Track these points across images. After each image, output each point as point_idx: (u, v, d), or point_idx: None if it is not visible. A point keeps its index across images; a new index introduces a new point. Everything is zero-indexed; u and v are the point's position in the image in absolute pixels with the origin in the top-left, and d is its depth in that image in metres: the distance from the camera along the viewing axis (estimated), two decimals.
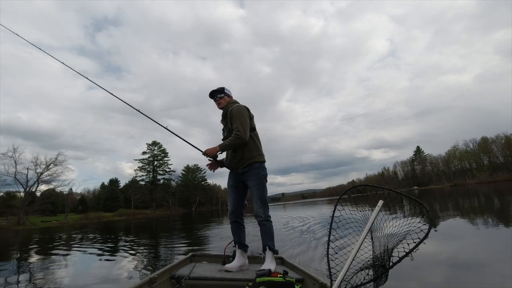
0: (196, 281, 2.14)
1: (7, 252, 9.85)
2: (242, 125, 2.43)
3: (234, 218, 2.58)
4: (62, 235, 16.07)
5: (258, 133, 2.70)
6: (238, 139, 2.41)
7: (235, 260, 2.52)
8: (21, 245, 12.41)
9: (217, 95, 2.75)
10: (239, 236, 2.58)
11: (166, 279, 2.15)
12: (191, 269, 2.36)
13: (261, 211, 2.39)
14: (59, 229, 25.00)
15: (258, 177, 2.41)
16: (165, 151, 72.11)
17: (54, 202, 51.44)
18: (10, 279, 4.67)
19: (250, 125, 2.54)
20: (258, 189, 2.41)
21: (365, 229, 1.39)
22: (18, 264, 6.62)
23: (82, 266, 5.57)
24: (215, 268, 2.49)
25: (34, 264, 6.31)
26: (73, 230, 20.40)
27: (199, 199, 76.06)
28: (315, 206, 33.31)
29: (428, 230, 1.14)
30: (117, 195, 68.27)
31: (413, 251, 1.15)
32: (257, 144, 2.56)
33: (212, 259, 2.97)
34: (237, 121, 2.45)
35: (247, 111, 2.57)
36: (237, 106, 2.58)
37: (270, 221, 2.42)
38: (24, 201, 40.71)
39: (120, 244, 9.00)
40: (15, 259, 7.67)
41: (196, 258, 2.95)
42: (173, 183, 75.20)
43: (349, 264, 1.36)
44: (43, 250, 9.38)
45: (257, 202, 2.41)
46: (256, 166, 2.44)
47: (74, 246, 9.69)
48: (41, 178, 42.12)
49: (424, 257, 3.74)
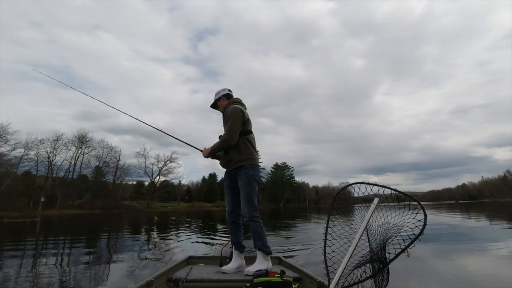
0: (193, 283, 2.14)
1: (141, 228, 13.03)
2: (231, 129, 2.43)
3: (232, 219, 2.58)
4: (178, 219, 19.67)
5: (254, 135, 2.67)
6: (224, 143, 2.46)
7: (232, 262, 2.50)
8: (151, 224, 16.02)
9: (215, 103, 2.79)
10: (236, 237, 2.57)
11: (163, 282, 2.17)
12: (188, 271, 2.38)
13: (245, 211, 2.38)
14: (174, 214, 30.63)
15: (246, 177, 2.41)
16: (256, 149, 77.03)
17: (169, 192, 62.50)
18: (143, 248, 6.47)
19: (244, 129, 2.51)
20: (245, 188, 2.40)
21: (361, 226, 1.41)
22: (147, 237, 8.88)
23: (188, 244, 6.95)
24: (212, 270, 2.49)
25: (157, 237, 8.27)
26: (184, 215, 24.69)
27: (287, 196, 77.77)
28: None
29: (422, 227, 1.17)
30: (215, 188, 77.21)
31: (409, 247, 1.18)
32: (248, 148, 2.51)
33: (209, 261, 2.98)
34: (227, 124, 2.47)
35: (242, 113, 2.49)
36: (232, 108, 2.52)
37: (256, 221, 2.36)
38: (150, 189, 51.63)
39: (220, 229, 10.60)
40: (145, 233, 10.15)
41: (193, 260, 2.96)
42: (263, 180, 79.69)
43: (346, 262, 1.38)
44: (164, 228, 11.94)
45: (243, 202, 2.40)
46: (247, 167, 2.43)
47: (187, 227, 11.93)
48: (161, 172, 52.40)
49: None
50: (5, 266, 4.47)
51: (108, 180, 48.42)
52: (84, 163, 46.13)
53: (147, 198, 51.14)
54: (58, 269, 4.29)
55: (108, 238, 9.25)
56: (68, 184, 42.87)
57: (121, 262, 4.73)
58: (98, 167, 47.24)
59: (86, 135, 45.02)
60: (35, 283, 3.48)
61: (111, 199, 44.05)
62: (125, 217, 24.37)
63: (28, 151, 39.58)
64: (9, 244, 7.71)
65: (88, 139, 45.18)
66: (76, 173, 45.54)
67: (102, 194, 43.95)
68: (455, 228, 9.78)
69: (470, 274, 3.75)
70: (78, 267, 4.43)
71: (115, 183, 48.76)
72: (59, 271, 4.15)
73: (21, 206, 33.69)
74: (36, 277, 3.75)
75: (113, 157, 48.79)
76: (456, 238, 7.14)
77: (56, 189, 40.49)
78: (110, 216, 26.64)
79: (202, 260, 2.99)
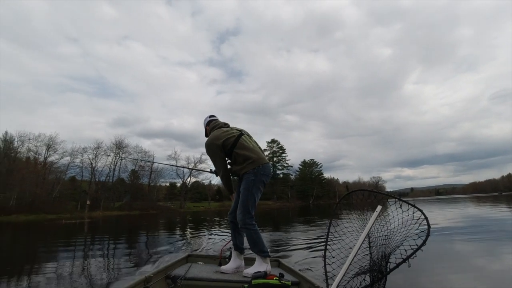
0: (191, 281, 2.14)
1: (175, 226, 13.97)
2: (215, 166, 2.58)
3: (231, 219, 2.60)
4: (208, 218, 20.59)
5: (246, 137, 2.65)
6: (222, 179, 2.60)
7: (231, 262, 2.51)
8: (185, 222, 17.03)
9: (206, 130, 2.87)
10: (235, 238, 2.60)
11: (162, 278, 2.17)
12: (187, 269, 2.37)
13: (240, 217, 2.38)
14: (205, 213, 31.90)
15: (246, 183, 2.43)
16: (283, 148, 76.89)
17: (200, 192, 64.70)
18: (177, 244, 7.10)
19: (227, 147, 2.50)
20: (243, 194, 2.42)
21: (363, 234, 1.39)
22: (182, 233, 9.62)
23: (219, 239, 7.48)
24: (211, 269, 2.49)
25: (189, 234, 8.95)
26: (215, 214, 25.70)
27: (316, 193, 76.73)
28: (454, 203, 27.63)
29: (426, 237, 1.15)
30: None
31: (411, 258, 1.16)
32: (243, 156, 2.49)
33: (208, 260, 2.99)
34: (212, 161, 2.58)
35: (215, 142, 2.50)
36: (206, 143, 2.58)
37: (250, 228, 2.34)
38: (182, 190, 53.94)
39: None
40: (179, 231, 10.96)
41: (192, 259, 2.97)
42: (291, 177, 79.45)
43: (345, 268, 1.36)
44: (197, 226, 12.73)
45: (239, 208, 2.41)
46: (249, 172, 2.44)
47: (217, 225, 12.61)
48: (192, 173, 54.51)
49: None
50: (76, 257, 5.35)
51: (143, 183, 51.47)
52: (122, 168, 49.53)
53: (180, 199, 53.57)
54: (105, 260, 5.04)
55: (147, 235, 10.17)
56: (109, 187, 46.31)
57: (157, 255, 5.32)
58: (134, 170, 50.39)
59: (122, 141, 48.27)
60: (90, 271, 4.18)
61: (148, 201, 46.87)
62: (161, 217, 25.91)
63: (73, 158, 43.53)
64: (73, 240, 9.03)
65: (124, 145, 48.38)
66: (115, 177, 49.05)
67: (139, 196, 46.92)
68: (504, 224, 8.62)
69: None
70: (120, 259, 5.13)
71: (150, 185, 51.65)
72: (105, 261, 4.89)
73: (71, 208, 37.30)
74: (92, 266, 4.48)
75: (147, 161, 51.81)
76: (506, 235, 6.27)
77: (99, 192, 43.94)
78: (148, 216, 28.54)
79: (201, 259, 3.00)
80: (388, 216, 1.39)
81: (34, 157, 40.58)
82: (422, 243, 1.14)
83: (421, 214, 1.21)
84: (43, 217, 29.54)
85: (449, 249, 5.15)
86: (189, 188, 57.05)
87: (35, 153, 40.62)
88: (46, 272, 4.20)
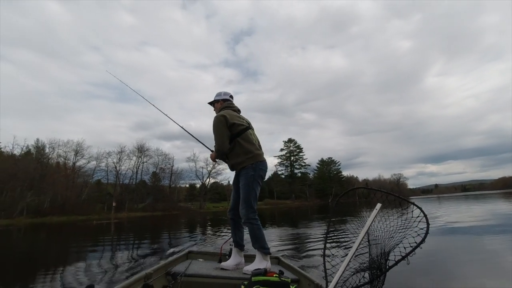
0: (191, 278, 2.15)
1: (196, 226, 14.54)
2: (216, 139, 2.52)
3: (231, 216, 2.63)
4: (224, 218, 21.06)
5: (251, 131, 2.69)
6: (217, 152, 2.55)
7: (231, 259, 2.53)
8: (205, 222, 17.61)
9: (213, 106, 2.89)
10: (235, 235, 2.62)
11: (162, 275, 2.19)
12: (187, 266, 2.38)
13: (243, 212, 2.41)
14: (225, 213, 32.39)
15: (246, 178, 2.45)
16: (300, 147, 76.55)
17: (219, 192, 65.76)
18: (198, 242, 7.56)
19: (233, 131, 2.52)
20: (244, 189, 2.44)
21: (362, 231, 1.40)
22: (202, 233, 10.11)
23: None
24: (211, 266, 2.50)
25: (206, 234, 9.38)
26: None
27: (335, 191, 75.65)
28: (482, 200, 26.12)
29: (425, 235, 1.17)
30: (262, 186, 78.55)
31: (410, 255, 1.17)
32: (244, 148, 2.51)
33: (208, 257, 3.00)
34: (214, 135, 2.54)
35: (224, 119, 2.50)
36: (215, 117, 2.57)
37: (253, 223, 2.38)
38: (202, 191, 55.21)
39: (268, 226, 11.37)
40: (200, 230, 11.46)
41: (193, 255, 2.99)
42: (309, 176, 78.85)
43: (345, 265, 1.37)
44: (218, 225, 13.19)
45: (241, 203, 2.44)
46: (247, 167, 2.47)
47: None
48: (211, 174, 55.65)
49: None
50: (105, 252, 5.94)
51: (164, 184, 53.13)
52: (143, 170, 51.45)
53: (200, 199, 54.82)
54: (130, 256, 5.56)
55: (169, 234, 10.77)
56: (132, 190, 48.27)
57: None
58: (155, 173, 52.14)
59: (144, 145, 50.12)
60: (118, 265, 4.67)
61: (169, 202, 48.37)
62: (182, 218, 26.77)
63: (99, 162, 45.82)
64: (105, 239, 9.87)
65: (145, 149, 50.20)
66: (138, 179, 50.99)
67: (161, 197, 48.53)
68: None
69: None
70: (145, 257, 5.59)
71: (170, 186, 53.23)
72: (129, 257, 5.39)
73: (98, 210, 39.37)
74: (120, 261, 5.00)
75: (167, 163, 53.45)
76: None
77: (123, 194, 45.93)
78: (170, 217, 29.53)
79: (201, 256, 3.03)
80: (388, 213, 1.41)
81: (63, 162, 43.23)
82: (421, 241, 1.16)
83: (420, 212, 1.25)
84: (74, 219, 31.49)
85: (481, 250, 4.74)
86: (208, 189, 58.20)
87: (64, 158, 43.26)
88: (78, 267, 4.78)
